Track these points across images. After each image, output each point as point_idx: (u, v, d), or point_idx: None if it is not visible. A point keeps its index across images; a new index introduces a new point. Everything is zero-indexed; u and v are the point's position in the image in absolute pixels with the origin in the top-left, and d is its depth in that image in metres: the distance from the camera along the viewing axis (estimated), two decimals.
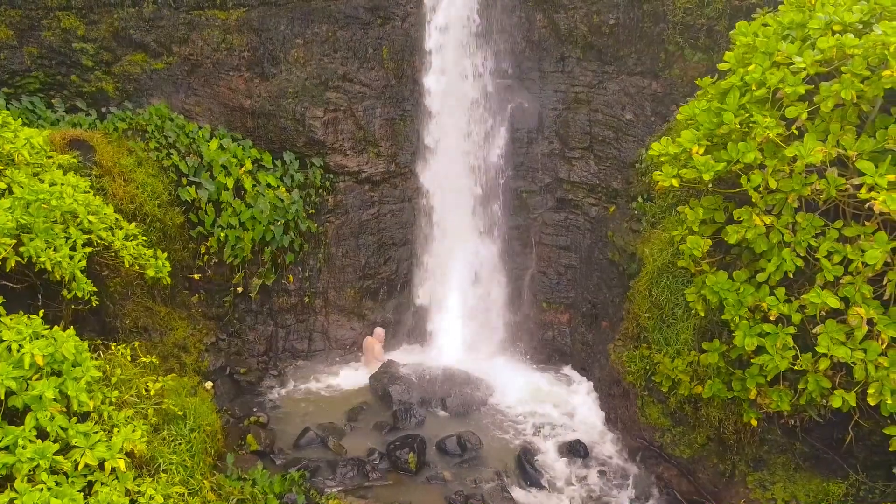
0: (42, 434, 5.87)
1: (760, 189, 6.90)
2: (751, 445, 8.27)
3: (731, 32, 7.99)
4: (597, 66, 12.73)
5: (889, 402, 6.36)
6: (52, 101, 12.06)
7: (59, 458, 5.75)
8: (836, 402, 6.76)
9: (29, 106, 11.65)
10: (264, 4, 12.67)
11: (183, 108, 12.71)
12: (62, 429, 5.95)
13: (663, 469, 9.18)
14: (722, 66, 7.73)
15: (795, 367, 6.94)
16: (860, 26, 6.79)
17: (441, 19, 12.94)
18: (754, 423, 7.86)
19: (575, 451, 9.98)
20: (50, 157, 8.62)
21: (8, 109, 10.79)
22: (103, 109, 12.24)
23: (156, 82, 12.63)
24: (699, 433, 8.73)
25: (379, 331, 13.00)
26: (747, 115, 6.99)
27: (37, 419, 5.83)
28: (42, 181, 7.68)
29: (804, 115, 6.69)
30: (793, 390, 7.26)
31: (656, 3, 11.73)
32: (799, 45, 7.00)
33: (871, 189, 6.30)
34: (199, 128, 12.41)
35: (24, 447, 5.60)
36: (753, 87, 7.06)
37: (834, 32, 6.79)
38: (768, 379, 7.34)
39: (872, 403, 6.50)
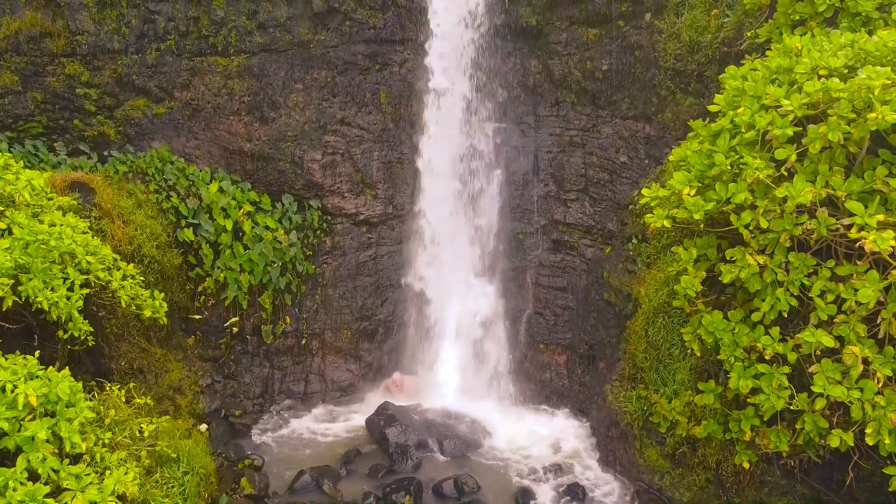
0: (33, 476, 5.81)
1: (752, 228, 6.98)
2: (750, 488, 8.18)
3: (721, 76, 8.18)
4: (591, 111, 12.97)
5: (887, 441, 6.33)
6: (55, 144, 12.24)
7: (50, 500, 5.68)
8: (834, 442, 6.73)
9: (31, 149, 11.82)
10: (265, 51, 12.96)
11: (183, 151, 12.89)
12: (54, 470, 5.91)
13: None
14: (712, 108, 7.89)
15: (792, 407, 6.92)
16: (845, 71, 6.97)
17: (438, 65, 13.23)
18: (746, 465, 7.81)
19: (573, 493, 9.84)
20: (50, 199, 8.72)
21: (10, 152, 10.94)
22: (105, 153, 12.41)
23: (157, 126, 12.84)
24: (698, 475, 8.64)
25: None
26: (738, 156, 7.12)
27: (28, 461, 5.79)
28: (42, 222, 7.75)
29: (793, 157, 6.82)
30: (791, 430, 7.23)
31: (648, 50, 12.02)
32: (786, 88, 7.17)
33: (861, 229, 6.39)
34: (199, 170, 12.56)
35: (14, 489, 5.54)
36: (743, 130, 7.20)
37: (820, 77, 6.96)
38: (765, 419, 7.32)
39: (870, 443, 6.47)
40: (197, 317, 11.93)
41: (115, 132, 12.69)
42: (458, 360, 13.29)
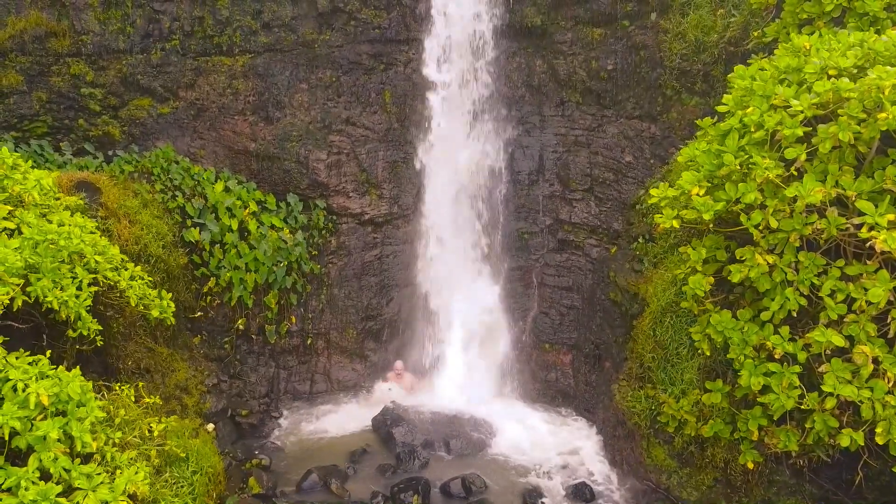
0: (45, 475, 5.80)
1: (761, 227, 6.99)
2: (759, 487, 8.18)
3: (729, 76, 8.19)
4: (596, 110, 12.98)
5: None
6: (61, 144, 12.23)
7: (62, 500, 5.67)
8: (843, 442, 6.74)
9: (37, 149, 11.81)
10: (270, 51, 12.96)
11: (188, 151, 12.89)
12: (65, 470, 5.89)
13: None
14: (721, 109, 7.90)
15: (802, 407, 6.93)
16: (855, 71, 6.97)
17: (443, 65, 13.24)
18: (751, 465, 7.81)
19: (580, 494, 9.84)
20: (58, 199, 8.69)
21: (17, 152, 10.93)
22: (110, 152, 12.41)
23: (162, 126, 12.84)
24: (706, 475, 8.65)
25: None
26: (747, 156, 7.12)
27: (40, 460, 5.78)
28: (50, 222, 7.74)
29: (803, 157, 6.83)
30: (800, 430, 7.23)
31: (653, 50, 12.03)
32: (795, 88, 7.18)
33: (871, 228, 6.39)
34: (205, 170, 12.55)
35: (26, 489, 5.54)
36: (752, 129, 7.20)
37: (829, 77, 6.96)
38: (775, 418, 7.32)
39: (881, 443, 6.48)
40: (201, 316, 11.92)
41: (119, 132, 12.69)
42: (463, 360, 13.28)
